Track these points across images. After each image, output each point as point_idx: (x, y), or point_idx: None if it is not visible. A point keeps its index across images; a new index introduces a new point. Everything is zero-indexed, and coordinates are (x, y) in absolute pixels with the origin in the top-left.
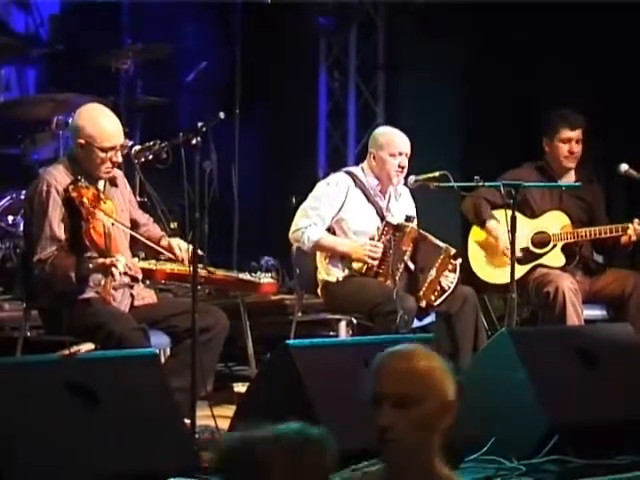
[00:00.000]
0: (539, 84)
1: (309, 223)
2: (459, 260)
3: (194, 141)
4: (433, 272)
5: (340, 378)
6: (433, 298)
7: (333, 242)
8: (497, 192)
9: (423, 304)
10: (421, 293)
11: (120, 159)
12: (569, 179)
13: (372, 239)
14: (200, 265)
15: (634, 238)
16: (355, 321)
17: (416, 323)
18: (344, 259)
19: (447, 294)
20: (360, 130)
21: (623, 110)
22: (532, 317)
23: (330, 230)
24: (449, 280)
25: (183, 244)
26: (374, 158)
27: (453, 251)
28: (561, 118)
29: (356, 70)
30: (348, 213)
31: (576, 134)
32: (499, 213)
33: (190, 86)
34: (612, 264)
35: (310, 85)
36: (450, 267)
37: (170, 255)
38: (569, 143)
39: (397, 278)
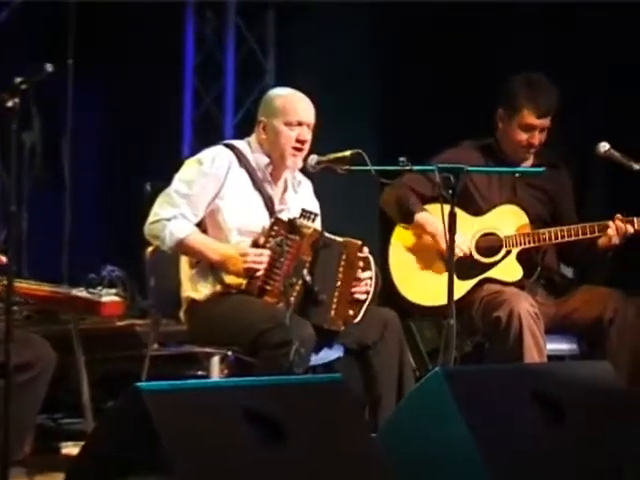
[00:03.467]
0: (493, 35)
1: (174, 214)
2: (367, 251)
3: (10, 103)
4: (339, 279)
5: (209, 432)
6: (352, 313)
7: (203, 244)
8: (429, 180)
9: (340, 326)
10: (332, 313)
11: None
12: (526, 163)
13: (256, 244)
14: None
15: (615, 240)
16: (232, 355)
17: (317, 358)
18: (216, 270)
19: (368, 300)
20: (241, 92)
21: (600, 77)
22: (476, 352)
23: (200, 226)
24: (364, 282)
25: None
26: (264, 129)
27: (357, 242)
28: (528, 96)
29: (236, 9)
30: (227, 201)
31: (542, 123)
32: (432, 209)
33: (2, 28)
34: (585, 279)
35: (172, 28)
36: (361, 264)
37: None
38: (530, 132)
39: (291, 297)
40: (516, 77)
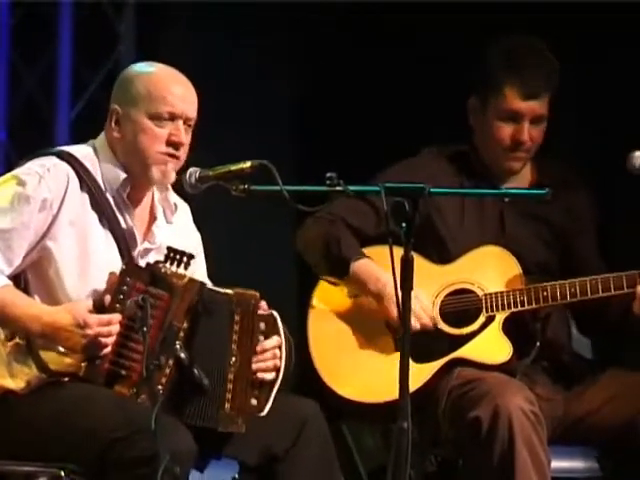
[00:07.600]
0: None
1: None
2: (266, 307)
3: None
4: (233, 354)
5: None
6: (255, 403)
7: (17, 307)
8: (372, 208)
9: (241, 426)
10: (227, 407)
11: None
12: (521, 182)
13: (100, 306)
14: None
15: None
16: (66, 477)
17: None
18: (40, 347)
19: (279, 380)
20: (82, 68)
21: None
22: (444, 472)
23: (19, 281)
24: (270, 354)
25: None
26: (118, 124)
27: (254, 294)
28: (507, 67)
29: None
30: (60, 241)
31: (531, 107)
32: (376, 253)
33: None
34: (611, 359)
35: None
36: (262, 326)
37: None
38: (515, 122)
39: (158, 387)
40: (494, 45)
